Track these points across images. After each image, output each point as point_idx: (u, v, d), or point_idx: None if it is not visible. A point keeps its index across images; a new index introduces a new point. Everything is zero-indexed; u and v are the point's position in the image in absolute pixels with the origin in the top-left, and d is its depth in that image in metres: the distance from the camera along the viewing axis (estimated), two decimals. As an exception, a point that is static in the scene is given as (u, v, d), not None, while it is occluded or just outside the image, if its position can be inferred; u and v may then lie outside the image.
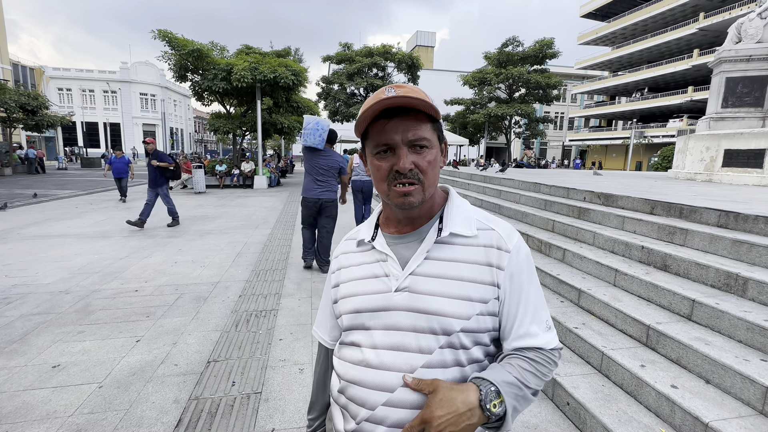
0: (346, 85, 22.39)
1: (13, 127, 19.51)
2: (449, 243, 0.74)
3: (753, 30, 7.71)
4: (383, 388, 0.70)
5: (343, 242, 0.89)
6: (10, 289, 4.05)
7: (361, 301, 0.76)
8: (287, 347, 3.01)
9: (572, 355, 2.65)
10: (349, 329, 0.78)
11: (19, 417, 2.14)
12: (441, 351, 0.70)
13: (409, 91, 0.69)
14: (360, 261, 0.81)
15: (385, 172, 0.72)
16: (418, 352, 0.70)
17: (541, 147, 44.87)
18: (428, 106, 0.70)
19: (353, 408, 0.73)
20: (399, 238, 0.78)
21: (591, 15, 36.06)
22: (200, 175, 13.78)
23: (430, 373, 0.69)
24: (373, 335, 0.74)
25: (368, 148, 0.76)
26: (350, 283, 0.80)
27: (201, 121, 59.46)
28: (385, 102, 0.68)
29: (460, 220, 0.76)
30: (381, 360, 0.71)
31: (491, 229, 0.76)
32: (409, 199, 0.71)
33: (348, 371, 0.75)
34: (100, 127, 42.18)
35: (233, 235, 6.88)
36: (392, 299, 0.73)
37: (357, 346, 0.75)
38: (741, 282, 2.48)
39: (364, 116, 0.71)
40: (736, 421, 1.76)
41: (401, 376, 0.69)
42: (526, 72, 23.13)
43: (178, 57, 14.61)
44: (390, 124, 0.71)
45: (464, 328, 0.70)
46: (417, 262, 0.73)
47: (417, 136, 0.71)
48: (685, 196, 4.44)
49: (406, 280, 0.73)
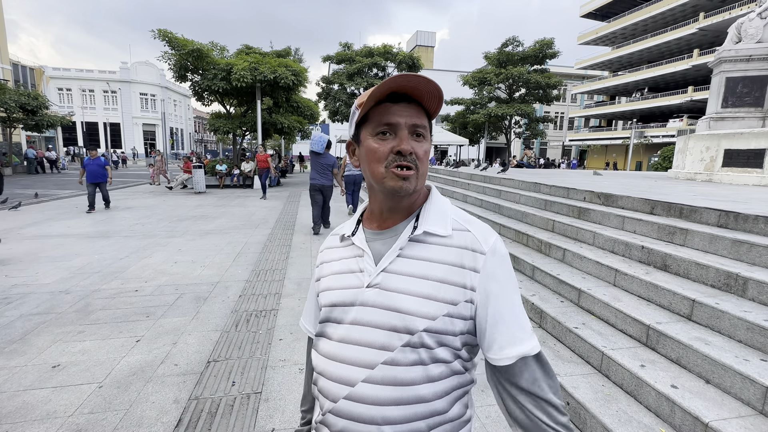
0: (347, 85, 22.40)
1: (13, 127, 19.49)
2: (423, 242, 0.74)
3: (753, 30, 7.71)
4: (345, 382, 0.71)
5: (329, 236, 0.90)
6: (10, 289, 4.06)
7: (336, 295, 0.77)
8: (287, 347, 3.01)
9: (572, 355, 2.65)
10: (324, 321, 0.79)
11: (19, 417, 2.14)
12: (402, 349, 0.69)
13: (426, 78, 0.70)
14: (340, 256, 0.82)
15: (384, 153, 0.72)
16: (380, 348, 0.70)
17: (541, 147, 44.87)
18: (436, 91, 0.72)
19: (321, 399, 0.75)
20: (378, 234, 0.79)
21: (591, 15, 36.06)
22: (200, 175, 13.77)
23: (390, 371, 0.68)
24: (341, 329, 0.75)
25: (367, 130, 0.75)
26: (330, 277, 0.81)
27: (201, 121, 59.46)
28: (396, 80, 0.69)
29: (435, 218, 0.75)
30: (345, 354, 0.72)
31: (467, 230, 0.75)
32: (406, 183, 0.71)
33: (319, 363, 0.77)
34: (100, 127, 42.19)
35: (233, 235, 6.89)
36: (363, 295, 0.73)
37: (327, 339, 0.77)
38: (741, 282, 2.48)
39: (373, 94, 0.71)
40: (736, 421, 1.76)
41: (362, 371, 0.70)
42: (526, 72, 23.13)
43: (178, 57, 14.60)
44: (396, 107, 0.72)
45: (428, 328, 0.69)
46: (390, 259, 0.74)
47: (420, 123, 0.73)
48: (685, 196, 4.44)
49: (378, 277, 0.73)
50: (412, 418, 0.68)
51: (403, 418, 0.68)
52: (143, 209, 9.66)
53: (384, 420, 0.68)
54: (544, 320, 3.05)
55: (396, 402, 0.68)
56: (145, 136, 44.09)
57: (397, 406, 0.68)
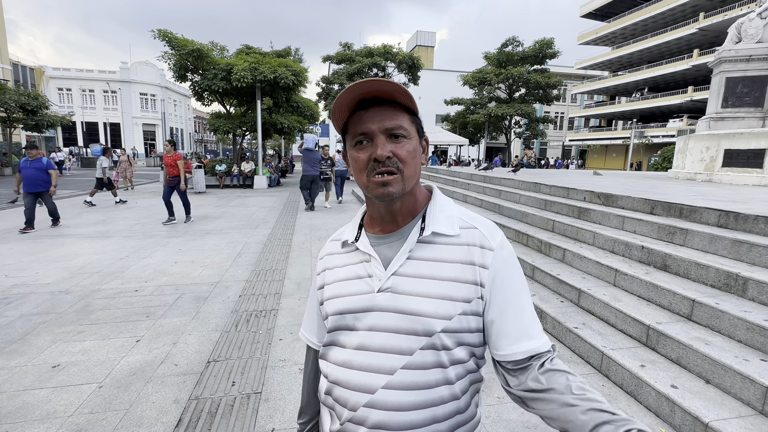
0: (347, 85, 22.35)
1: (13, 127, 19.49)
2: (432, 242, 0.73)
3: (753, 30, 7.71)
4: (364, 389, 0.70)
5: (329, 243, 0.87)
6: (10, 289, 4.05)
7: (345, 302, 0.76)
8: (287, 347, 3.01)
9: (572, 355, 2.65)
10: (334, 330, 0.78)
11: (19, 417, 2.14)
12: (421, 352, 0.68)
13: (382, 80, 0.68)
14: (344, 262, 0.80)
15: (363, 162, 0.71)
16: (398, 353, 0.69)
17: (541, 147, 44.86)
18: (399, 90, 0.69)
19: (338, 409, 0.74)
20: (382, 238, 0.78)
21: (591, 15, 36.08)
22: (200, 175, 13.79)
23: (410, 375, 0.68)
24: (355, 336, 0.73)
25: (348, 141, 0.75)
26: (335, 285, 0.79)
27: (201, 121, 59.46)
28: (357, 87, 0.68)
29: (442, 218, 0.75)
30: (362, 361, 0.71)
31: (474, 227, 0.75)
32: (388, 189, 0.69)
33: (333, 372, 0.75)
34: (100, 127, 42.20)
35: (233, 235, 6.88)
36: (375, 300, 0.72)
37: (341, 347, 0.75)
38: (741, 282, 2.48)
39: (339, 105, 0.70)
40: (736, 421, 1.76)
41: (381, 377, 0.68)
42: (526, 72, 23.11)
43: (178, 57, 14.60)
44: (367, 114, 0.70)
45: (446, 329, 0.69)
46: (399, 262, 0.73)
47: (394, 124, 0.70)
48: (685, 196, 4.44)
49: (388, 281, 0.72)
50: (433, 421, 0.68)
51: (424, 421, 0.68)
52: (143, 209, 9.67)
53: (406, 425, 0.67)
54: (544, 320, 3.05)
55: (417, 406, 0.68)
56: (145, 136, 44.09)
57: (419, 410, 0.68)
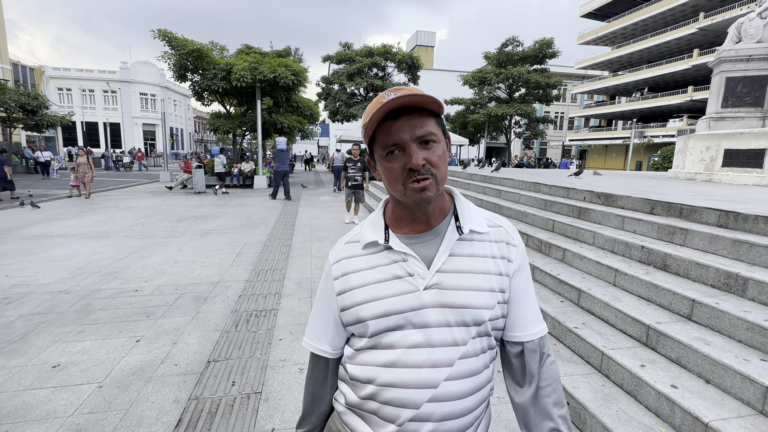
0: (347, 85, 22.34)
1: (13, 127, 19.48)
2: (468, 240, 0.79)
3: (753, 30, 7.71)
4: (426, 385, 0.72)
5: (343, 246, 0.85)
6: (10, 289, 4.06)
7: (387, 303, 0.75)
8: (287, 347, 3.01)
9: (572, 355, 2.65)
10: (377, 333, 0.76)
11: (19, 417, 2.14)
12: (473, 341, 0.75)
13: (410, 91, 0.71)
14: (371, 264, 0.79)
15: (399, 172, 0.73)
16: (453, 345, 0.74)
17: (541, 147, 44.85)
18: (432, 101, 0.72)
19: (390, 411, 0.73)
20: (415, 237, 0.79)
21: (591, 15, 36.04)
22: (200, 175, 13.78)
23: (465, 363, 0.74)
24: (406, 335, 0.74)
25: (377, 151, 0.76)
26: (368, 288, 0.78)
27: (201, 121, 59.43)
28: (389, 104, 0.69)
29: (474, 217, 0.82)
30: (419, 358, 0.73)
31: (499, 226, 0.84)
32: (427, 194, 0.73)
33: (379, 375, 0.75)
34: (100, 127, 42.15)
35: (233, 235, 6.89)
36: (421, 298, 0.75)
37: (386, 349, 0.75)
38: (741, 282, 2.48)
39: (371, 121, 0.72)
40: (736, 421, 1.76)
41: (443, 371, 0.73)
42: (526, 72, 23.11)
43: (178, 57, 14.60)
44: (396, 124, 0.72)
45: (491, 317, 0.77)
46: (442, 259, 0.76)
47: (425, 132, 0.72)
48: (685, 196, 4.44)
49: (433, 278, 0.75)
50: (481, 401, 0.78)
51: (477, 403, 0.76)
52: (143, 209, 9.66)
53: (465, 410, 0.74)
54: (544, 320, 3.05)
55: (472, 391, 0.75)
56: (145, 136, 44.05)
57: (473, 394, 0.76)
